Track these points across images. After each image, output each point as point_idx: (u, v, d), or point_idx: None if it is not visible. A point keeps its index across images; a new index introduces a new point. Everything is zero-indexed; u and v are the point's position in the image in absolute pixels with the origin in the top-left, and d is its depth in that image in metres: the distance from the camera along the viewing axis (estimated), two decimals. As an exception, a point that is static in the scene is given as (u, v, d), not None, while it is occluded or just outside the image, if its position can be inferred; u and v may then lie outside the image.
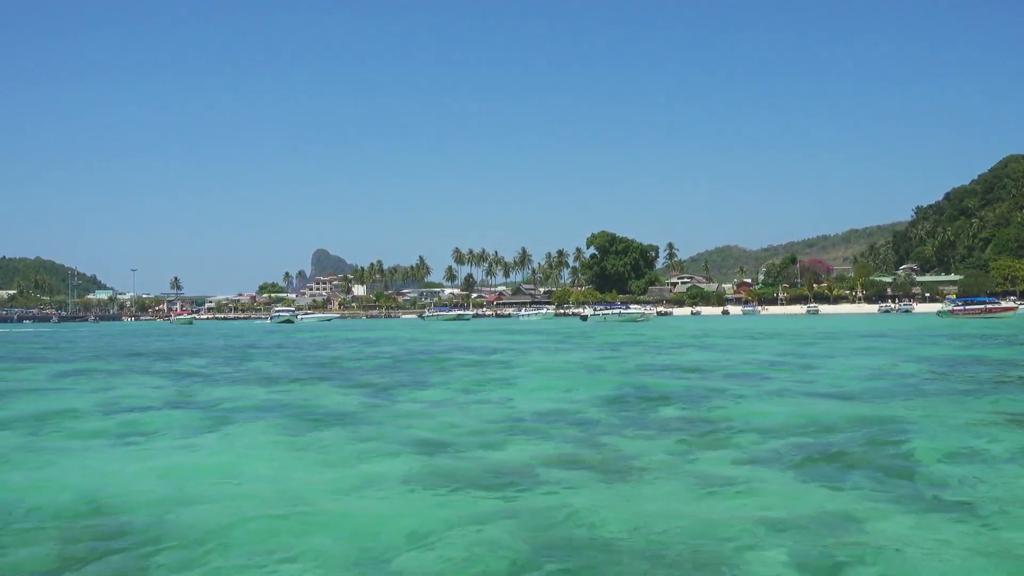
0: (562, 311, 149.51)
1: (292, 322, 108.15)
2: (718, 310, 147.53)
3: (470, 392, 15.47)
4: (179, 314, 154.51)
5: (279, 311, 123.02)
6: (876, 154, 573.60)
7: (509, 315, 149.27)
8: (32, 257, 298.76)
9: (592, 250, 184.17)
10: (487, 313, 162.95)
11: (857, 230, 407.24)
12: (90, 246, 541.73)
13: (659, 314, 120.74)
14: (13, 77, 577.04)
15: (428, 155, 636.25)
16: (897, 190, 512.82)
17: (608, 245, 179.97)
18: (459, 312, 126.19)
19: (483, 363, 23.25)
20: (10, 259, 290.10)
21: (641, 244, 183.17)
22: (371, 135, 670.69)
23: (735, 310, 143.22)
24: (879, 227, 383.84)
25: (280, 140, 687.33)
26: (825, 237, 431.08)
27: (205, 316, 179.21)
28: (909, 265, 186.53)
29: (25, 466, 8.80)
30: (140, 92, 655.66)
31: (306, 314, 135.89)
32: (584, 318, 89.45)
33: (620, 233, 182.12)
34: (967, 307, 76.91)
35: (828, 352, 26.09)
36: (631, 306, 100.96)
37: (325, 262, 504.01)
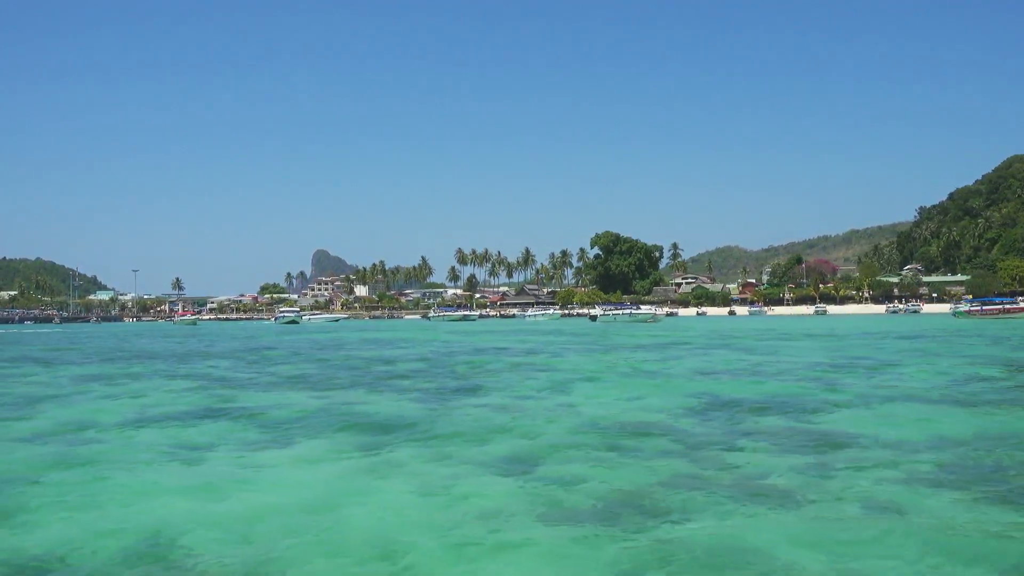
0: (567, 311, 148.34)
1: (297, 323, 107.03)
2: (723, 311, 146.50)
3: (529, 398, 14.39)
4: (183, 315, 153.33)
5: (284, 312, 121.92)
6: (877, 154, 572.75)
7: (514, 316, 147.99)
8: (32, 258, 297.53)
9: (596, 250, 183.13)
10: (491, 314, 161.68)
11: (858, 230, 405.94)
12: (90, 247, 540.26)
13: (667, 315, 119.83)
14: (13, 77, 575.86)
15: (428, 155, 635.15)
16: (898, 190, 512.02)
17: (612, 245, 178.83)
18: (465, 313, 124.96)
19: (523, 366, 22.16)
20: (10, 260, 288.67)
21: (645, 244, 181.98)
22: (371, 135, 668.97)
23: (741, 311, 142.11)
24: (880, 227, 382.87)
25: (280, 140, 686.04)
26: (826, 237, 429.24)
27: (208, 317, 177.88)
28: (914, 265, 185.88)
29: (72, 494, 7.64)
30: (140, 92, 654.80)
31: (314, 315, 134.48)
32: (593, 318, 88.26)
33: (621, 233, 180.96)
34: (984, 307, 75.99)
35: (880, 354, 25.01)
36: (641, 307, 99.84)
37: (325, 263, 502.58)
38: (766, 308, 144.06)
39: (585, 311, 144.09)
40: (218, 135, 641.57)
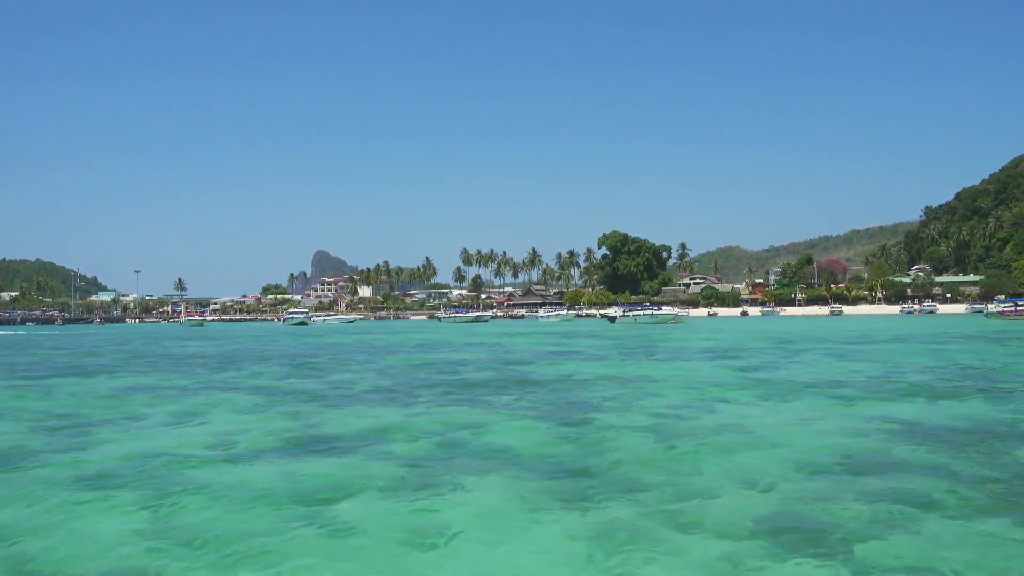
0: (575, 312, 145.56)
1: (306, 324, 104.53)
2: (735, 311, 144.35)
3: (681, 419, 12.15)
4: (189, 315, 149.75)
5: (292, 313, 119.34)
6: (877, 154, 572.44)
7: (523, 316, 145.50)
8: (32, 259, 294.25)
9: (604, 250, 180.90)
10: (498, 314, 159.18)
11: (859, 231, 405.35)
12: (89, 248, 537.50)
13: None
14: (13, 78, 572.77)
15: (429, 156, 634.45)
16: (899, 190, 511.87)
17: (620, 245, 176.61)
18: (478, 314, 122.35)
19: (615, 379, 19.93)
20: (10, 261, 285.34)
21: (653, 244, 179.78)
22: (371, 136, 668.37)
23: (753, 311, 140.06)
24: (881, 228, 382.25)
25: (280, 141, 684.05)
26: (827, 238, 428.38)
27: (212, 318, 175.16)
28: (922, 265, 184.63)
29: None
30: (138, 93, 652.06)
31: (328, 316, 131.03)
32: (612, 319, 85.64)
33: (628, 234, 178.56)
34: (1019, 307, 74.04)
35: (995, 358, 22.84)
36: (662, 307, 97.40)
37: (325, 263, 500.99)
38: (778, 309, 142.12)
39: (594, 312, 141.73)
40: (218, 136, 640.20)
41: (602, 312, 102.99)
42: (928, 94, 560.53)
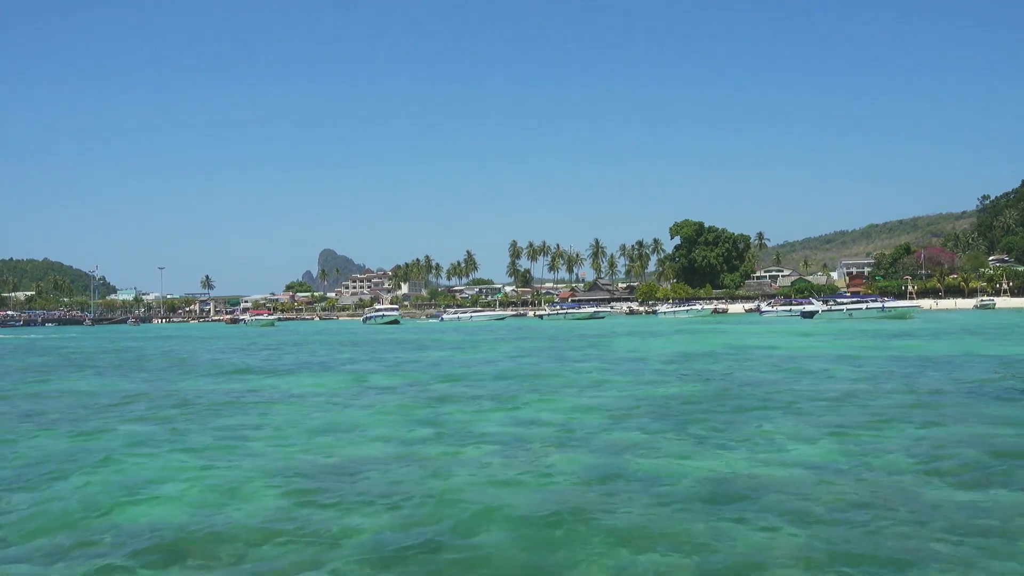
0: (638, 306, 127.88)
1: (399, 323, 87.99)
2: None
3: None
4: (257, 314, 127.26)
5: (380, 310, 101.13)
6: (893, 148, 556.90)
7: (603, 316, 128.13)
8: (40, 258, 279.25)
9: (676, 240, 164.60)
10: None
11: (877, 225, 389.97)
12: (95, 247, 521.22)
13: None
14: (13, 79, 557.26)
15: (431, 155, 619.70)
16: (914, 184, 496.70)
17: (695, 235, 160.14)
18: (594, 310, 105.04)
19: None
20: (17, 260, 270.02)
21: (732, 234, 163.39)
22: (376, 133, 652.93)
23: (874, 306, 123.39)
24: (900, 222, 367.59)
25: (285, 140, 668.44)
26: (843, 232, 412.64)
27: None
28: (999, 255, 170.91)
29: None
30: (137, 97, 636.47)
31: (477, 312, 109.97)
32: (809, 315, 68.83)
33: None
34: None
35: None
36: (886, 298, 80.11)
37: (332, 262, 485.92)
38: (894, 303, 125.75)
39: (672, 307, 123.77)
40: (220, 135, 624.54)
41: (798, 307, 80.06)
42: (948, 85, 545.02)
